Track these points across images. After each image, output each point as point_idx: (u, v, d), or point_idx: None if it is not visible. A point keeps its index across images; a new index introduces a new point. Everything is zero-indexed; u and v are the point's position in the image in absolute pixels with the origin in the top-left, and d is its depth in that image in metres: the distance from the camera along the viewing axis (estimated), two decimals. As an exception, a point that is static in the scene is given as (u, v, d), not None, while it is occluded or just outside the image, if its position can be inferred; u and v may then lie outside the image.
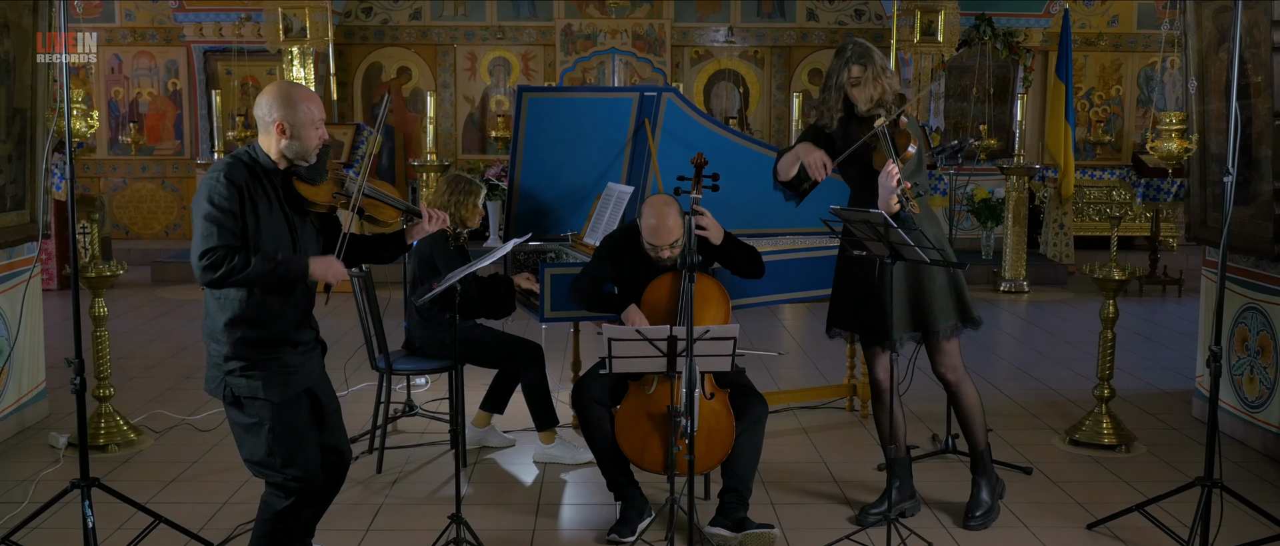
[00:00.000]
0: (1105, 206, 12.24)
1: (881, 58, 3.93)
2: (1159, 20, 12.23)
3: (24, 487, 4.41)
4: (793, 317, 8.71)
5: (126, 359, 6.85)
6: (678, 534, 3.85)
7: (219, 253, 2.97)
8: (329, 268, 3.14)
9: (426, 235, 3.51)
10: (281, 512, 3.20)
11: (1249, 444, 5.10)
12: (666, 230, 3.98)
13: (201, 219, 3.01)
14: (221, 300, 3.11)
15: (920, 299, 3.99)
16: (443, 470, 4.75)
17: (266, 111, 3.10)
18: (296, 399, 3.18)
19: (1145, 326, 8.33)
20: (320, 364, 3.35)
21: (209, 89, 11.25)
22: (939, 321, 3.99)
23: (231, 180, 3.03)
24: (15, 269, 5.26)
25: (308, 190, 3.15)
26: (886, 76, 3.90)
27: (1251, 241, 4.94)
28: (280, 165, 3.15)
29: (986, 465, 4.14)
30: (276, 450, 3.13)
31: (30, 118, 5.15)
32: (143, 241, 12.19)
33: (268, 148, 3.13)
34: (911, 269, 3.95)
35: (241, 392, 3.11)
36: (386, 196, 3.33)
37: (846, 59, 3.91)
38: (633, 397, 3.94)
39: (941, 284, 4.00)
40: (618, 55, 12.15)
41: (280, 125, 3.08)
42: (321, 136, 3.16)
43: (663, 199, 4.07)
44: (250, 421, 3.14)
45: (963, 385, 4.10)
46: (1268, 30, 4.66)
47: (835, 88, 3.96)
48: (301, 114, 3.09)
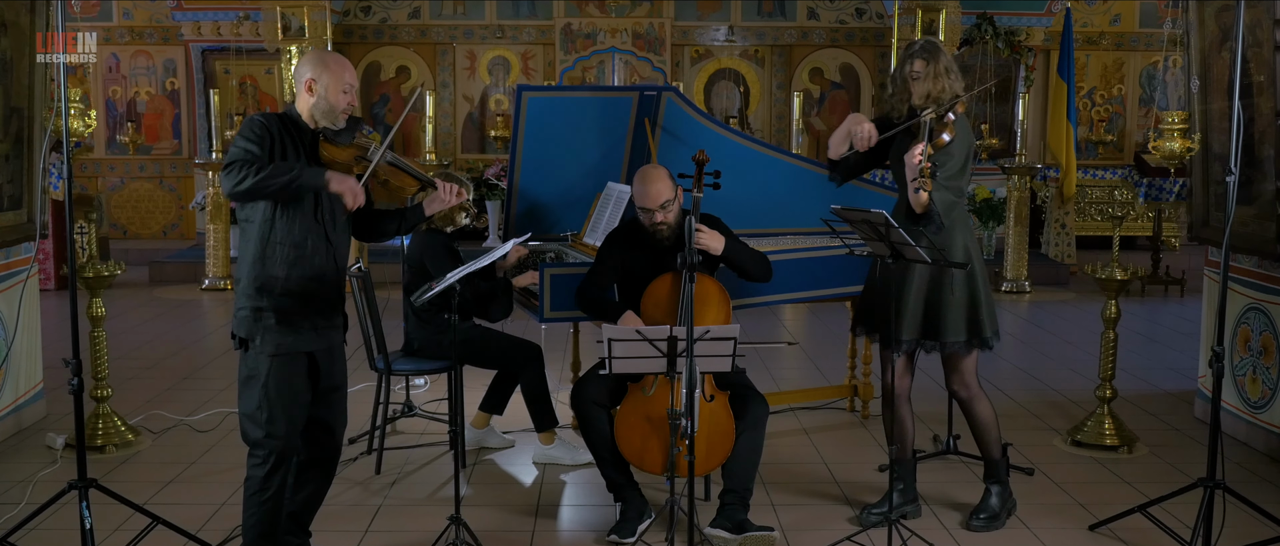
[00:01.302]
0: (1107, 206, 12.22)
1: (948, 59, 3.94)
2: (1161, 19, 12.20)
3: (21, 488, 4.39)
4: (793, 318, 8.70)
5: (124, 359, 6.83)
6: (678, 535, 3.83)
7: (240, 163, 3.14)
8: (345, 182, 3.23)
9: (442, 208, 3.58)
10: (263, 481, 3.32)
11: (1252, 444, 5.08)
12: (655, 193, 3.97)
13: (233, 146, 3.21)
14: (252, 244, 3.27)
15: (935, 308, 3.94)
16: (442, 471, 4.73)
17: (301, 71, 3.31)
18: (297, 361, 3.31)
19: (1147, 327, 8.31)
20: (339, 340, 3.50)
21: (207, 88, 11.22)
22: (948, 335, 3.94)
23: (265, 124, 3.25)
24: (12, 269, 5.24)
25: (332, 151, 3.31)
26: (949, 77, 3.90)
27: (1254, 241, 4.92)
28: (311, 125, 3.33)
29: (1001, 476, 4.11)
30: (264, 404, 3.27)
31: (27, 117, 5.13)
32: (140, 241, 12.17)
33: (301, 108, 3.34)
34: (933, 275, 3.92)
35: (245, 334, 3.27)
36: (407, 166, 3.47)
37: (912, 52, 3.95)
38: (631, 399, 3.92)
39: (959, 297, 3.93)
40: (618, 54, 12.13)
41: (309, 83, 3.28)
42: (350, 101, 3.33)
43: (649, 165, 4.11)
44: (249, 373, 3.30)
45: (974, 403, 4.06)
46: (1270, 29, 4.64)
47: (899, 79, 4.01)
48: (331, 75, 3.28)
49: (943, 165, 3.83)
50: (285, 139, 3.27)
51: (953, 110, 3.84)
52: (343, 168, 3.31)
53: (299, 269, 3.29)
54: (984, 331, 3.96)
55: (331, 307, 3.42)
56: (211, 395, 5.92)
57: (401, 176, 3.43)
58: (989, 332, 3.97)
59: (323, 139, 3.31)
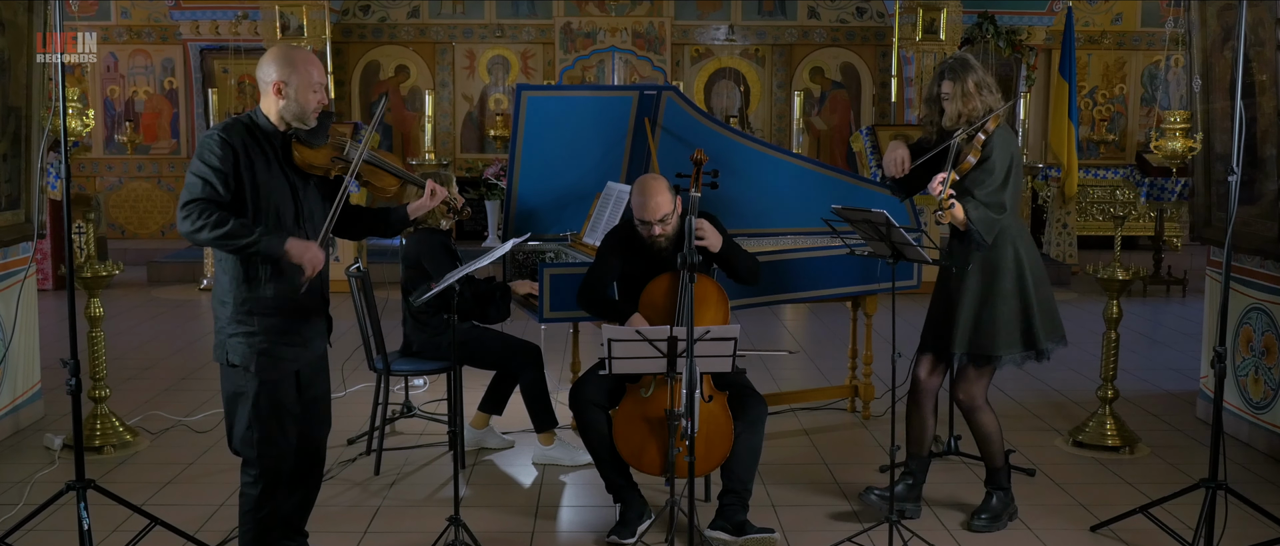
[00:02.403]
0: (1109, 206, 12.20)
1: (979, 75, 3.84)
2: (1163, 18, 12.18)
3: (19, 489, 4.38)
4: (794, 318, 8.68)
5: (122, 360, 6.81)
6: (677, 536, 3.81)
7: (199, 205, 2.99)
8: (305, 251, 3.08)
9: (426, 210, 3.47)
10: (257, 501, 3.28)
11: (1254, 445, 5.07)
12: (654, 206, 3.93)
13: (191, 173, 3.05)
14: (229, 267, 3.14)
15: (988, 322, 3.89)
16: (441, 471, 4.72)
17: (265, 72, 3.11)
18: (285, 380, 3.23)
19: (1149, 327, 8.30)
20: (322, 345, 3.38)
21: (205, 87, 11.20)
22: (999, 349, 3.88)
23: (226, 140, 3.05)
24: (10, 269, 5.23)
25: (307, 153, 3.16)
26: (981, 94, 3.81)
27: (1256, 241, 4.91)
28: (280, 127, 3.15)
29: (1002, 482, 4.10)
30: (255, 426, 3.19)
31: (25, 116, 5.12)
32: (139, 241, 12.15)
33: (268, 110, 3.15)
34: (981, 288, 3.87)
35: (234, 359, 3.16)
36: (386, 163, 3.32)
37: (939, 73, 3.90)
38: (630, 399, 3.91)
39: (1008, 309, 3.88)
40: (617, 53, 12.12)
41: (277, 85, 3.10)
42: (320, 100, 3.15)
43: (650, 176, 4.06)
44: (235, 391, 3.21)
45: (978, 413, 4.03)
46: (1272, 28, 4.63)
47: (931, 100, 3.94)
48: (299, 75, 3.09)
49: (981, 183, 3.78)
50: (252, 151, 3.08)
51: (982, 130, 3.78)
52: (321, 170, 3.18)
53: (284, 283, 3.15)
54: (1039, 343, 3.91)
55: (318, 315, 3.33)
56: (210, 396, 5.90)
57: (382, 175, 3.30)
58: (1045, 343, 3.92)
59: (295, 141, 3.15)
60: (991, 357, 3.92)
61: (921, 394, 4.07)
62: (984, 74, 3.87)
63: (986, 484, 4.14)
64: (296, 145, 3.16)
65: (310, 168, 3.18)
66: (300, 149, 3.16)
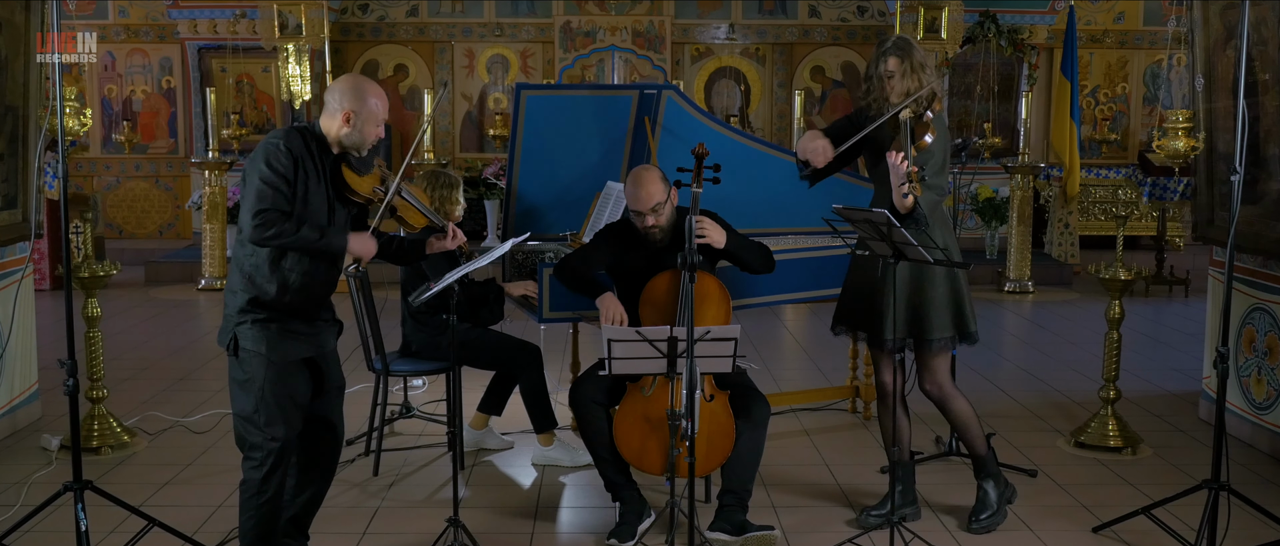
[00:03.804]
0: (1111, 205, 12.17)
1: (921, 54, 3.90)
2: (1165, 17, 12.15)
3: (16, 490, 4.36)
4: (794, 318, 8.66)
5: (120, 360, 6.80)
6: (678, 537, 3.80)
7: (273, 214, 3.13)
8: (364, 244, 3.34)
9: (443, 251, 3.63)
10: (260, 483, 3.29)
11: (1256, 446, 5.05)
12: (645, 195, 3.93)
13: (258, 180, 3.15)
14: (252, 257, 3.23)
15: (918, 305, 3.93)
16: (440, 472, 4.70)
17: (337, 99, 3.28)
18: (295, 365, 3.30)
19: (1151, 327, 8.28)
20: (332, 341, 3.49)
21: (203, 87, 11.17)
22: (933, 331, 3.93)
23: (290, 148, 3.19)
24: (7, 269, 5.21)
25: (353, 179, 3.32)
26: (925, 73, 3.87)
27: (1259, 241, 4.90)
28: (334, 149, 3.31)
29: (990, 468, 4.09)
30: (262, 407, 3.24)
31: (22, 115, 5.10)
32: (136, 241, 12.13)
33: (327, 129, 3.30)
34: (914, 274, 3.90)
35: (244, 344, 3.24)
36: (419, 203, 3.51)
37: (884, 51, 3.91)
38: (630, 399, 3.89)
39: (941, 293, 3.93)
40: (617, 52, 12.09)
41: (347, 115, 3.26)
42: (379, 135, 3.34)
43: (642, 166, 4.07)
44: (245, 377, 3.27)
45: (950, 401, 4.05)
46: (1275, 27, 4.61)
47: (874, 78, 3.95)
48: (368, 108, 3.28)
49: (925, 164, 3.82)
50: (306, 162, 3.23)
51: (930, 109, 3.82)
52: (362, 196, 3.36)
53: (306, 278, 3.28)
54: (969, 326, 3.98)
55: (324, 305, 3.44)
56: (208, 396, 5.88)
57: (413, 212, 3.49)
58: (973, 327, 3.99)
59: (345, 166, 3.33)
60: (929, 341, 3.93)
61: (888, 396, 4.06)
62: (923, 53, 3.95)
63: (976, 476, 4.12)
64: (346, 170, 3.32)
65: (353, 193, 3.34)
66: (349, 174, 3.32)
